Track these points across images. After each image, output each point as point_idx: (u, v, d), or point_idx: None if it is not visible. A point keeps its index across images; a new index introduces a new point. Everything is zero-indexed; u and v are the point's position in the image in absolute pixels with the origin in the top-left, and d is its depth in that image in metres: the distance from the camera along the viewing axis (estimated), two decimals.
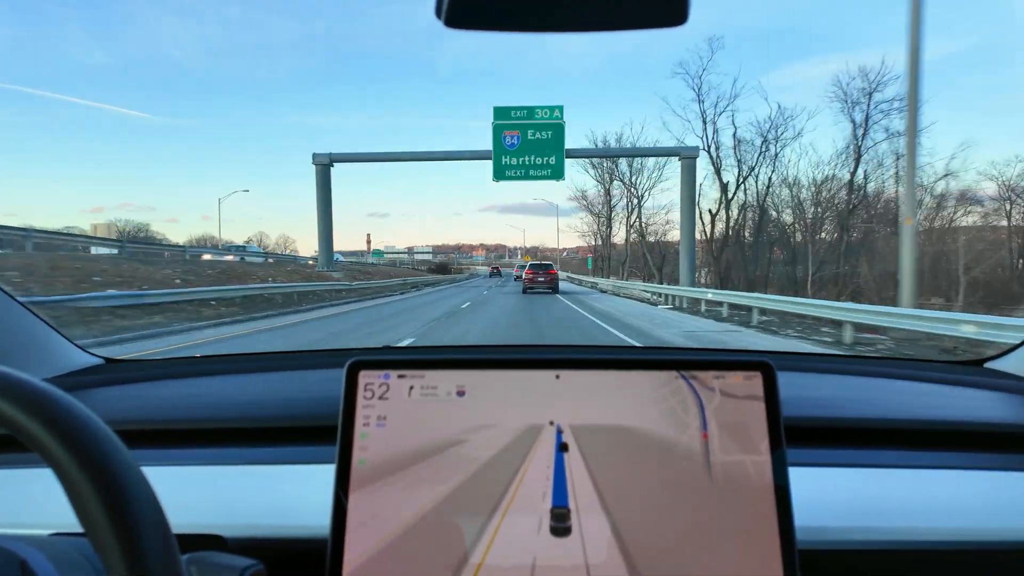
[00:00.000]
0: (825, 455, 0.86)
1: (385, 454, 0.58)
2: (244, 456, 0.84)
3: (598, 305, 18.20)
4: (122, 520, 0.38)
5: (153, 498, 0.41)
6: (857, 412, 0.97)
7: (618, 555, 0.56)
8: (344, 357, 0.63)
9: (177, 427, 0.91)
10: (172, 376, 1.18)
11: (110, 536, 0.38)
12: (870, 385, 1.20)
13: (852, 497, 0.77)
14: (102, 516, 0.38)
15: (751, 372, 0.60)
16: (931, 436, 0.91)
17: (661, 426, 0.59)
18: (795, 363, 1.36)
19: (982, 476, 0.82)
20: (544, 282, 24.79)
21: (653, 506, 0.57)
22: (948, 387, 1.17)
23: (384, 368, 0.61)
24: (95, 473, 0.39)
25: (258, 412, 0.95)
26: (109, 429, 0.42)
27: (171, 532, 0.42)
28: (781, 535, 0.56)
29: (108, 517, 0.38)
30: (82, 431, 0.40)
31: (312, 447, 0.85)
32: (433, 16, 0.49)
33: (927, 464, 0.84)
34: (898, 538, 0.72)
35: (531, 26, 0.51)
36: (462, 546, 0.56)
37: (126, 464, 0.41)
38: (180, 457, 0.84)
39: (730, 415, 0.59)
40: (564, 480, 0.58)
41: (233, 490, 0.77)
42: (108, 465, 0.40)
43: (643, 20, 0.50)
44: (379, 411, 0.60)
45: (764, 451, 0.58)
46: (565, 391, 0.60)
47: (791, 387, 1.00)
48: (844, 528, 0.72)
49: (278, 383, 1.17)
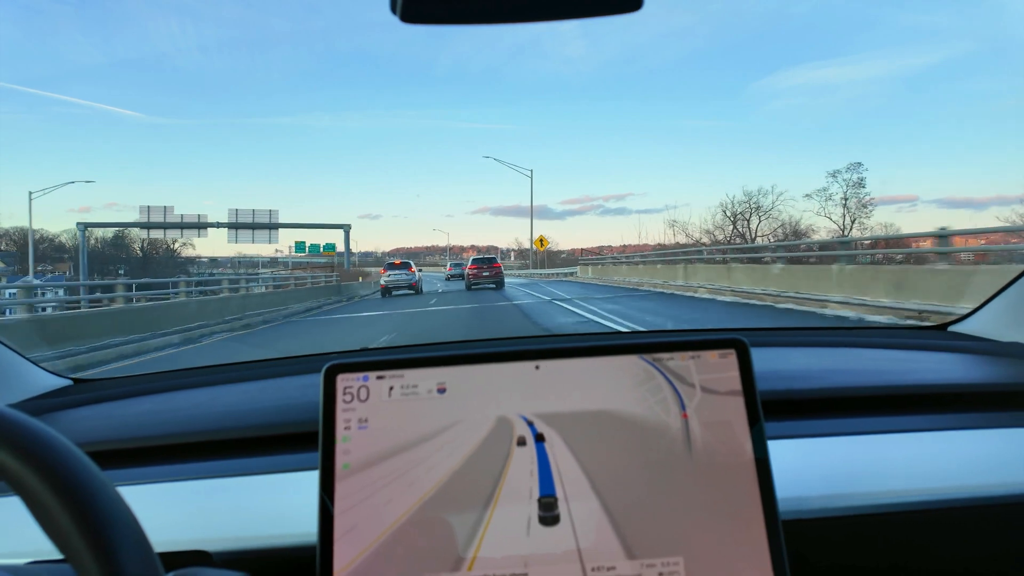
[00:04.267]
0: (802, 426, 0.88)
1: (369, 456, 0.58)
2: (225, 468, 0.83)
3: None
4: (100, 544, 0.38)
5: (131, 518, 0.41)
6: (830, 382, 0.99)
7: (609, 537, 0.57)
8: (321, 362, 0.63)
9: (153, 443, 0.89)
10: (144, 392, 1.15)
11: (90, 561, 0.37)
12: (841, 355, 1.23)
13: (831, 465, 0.79)
14: (79, 541, 0.38)
15: (726, 350, 0.62)
16: (902, 400, 0.94)
17: (642, 408, 0.60)
18: (767, 338, 1.39)
19: (952, 436, 0.85)
20: (488, 276, 23.92)
21: (640, 487, 0.58)
22: (915, 352, 1.20)
23: (362, 370, 0.60)
24: (68, 498, 0.38)
25: (236, 422, 0.93)
26: (80, 451, 0.41)
27: (153, 551, 0.41)
28: (764, 507, 0.58)
29: (86, 542, 0.38)
30: (51, 456, 0.39)
31: (294, 454, 0.84)
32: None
33: (899, 428, 0.86)
34: (877, 502, 0.74)
35: (486, 18, 0.50)
36: (453, 542, 0.56)
37: (100, 486, 0.40)
38: (159, 474, 0.82)
39: (708, 393, 0.60)
40: (549, 469, 0.58)
41: (216, 503, 0.76)
42: (81, 489, 0.39)
43: (597, 8, 0.50)
44: (360, 413, 0.59)
45: (743, 426, 0.60)
46: (545, 381, 0.61)
47: (765, 362, 1.02)
48: (825, 496, 0.74)
49: (255, 392, 1.15)
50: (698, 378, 0.61)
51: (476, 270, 24.30)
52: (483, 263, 24.79)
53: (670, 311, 11.56)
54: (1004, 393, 0.96)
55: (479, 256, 27.35)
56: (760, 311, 10.81)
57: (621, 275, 24.67)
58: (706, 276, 16.32)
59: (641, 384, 0.60)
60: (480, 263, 24.86)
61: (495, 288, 23.23)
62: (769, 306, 11.28)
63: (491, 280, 23.91)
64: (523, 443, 0.59)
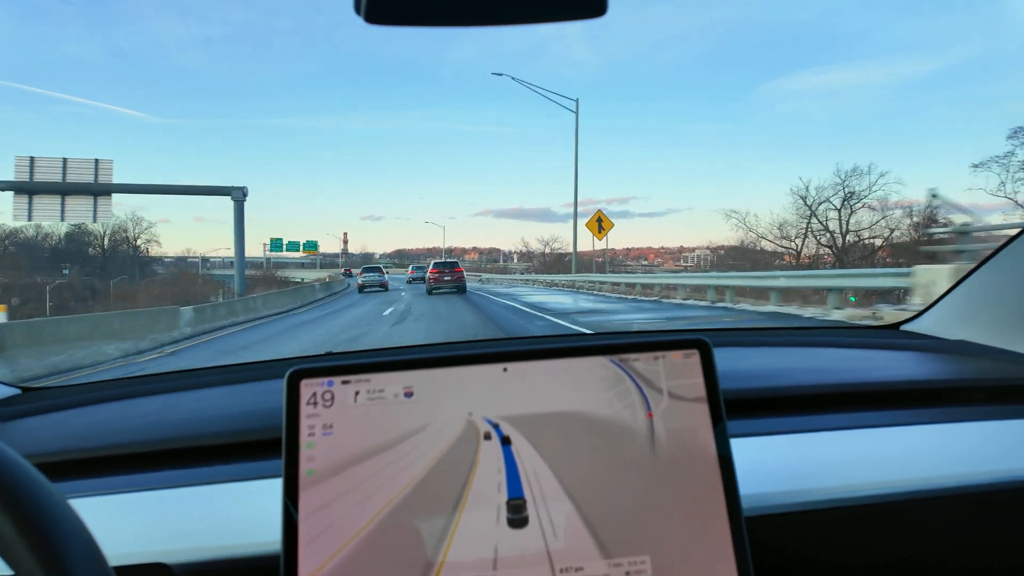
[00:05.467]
0: (763, 424, 0.90)
1: (334, 462, 0.57)
2: (185, 477, 0.80)
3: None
4: (50, 558, 0.36)
5: (83, 531, 0.39)
6: (790, 381, 1.02)
7: (577, 538, 0.57)
8: (285, 367, 0.62)
9: (109, 453, 0.86)
10: (99, 400, 1.11)
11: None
12: (800, 354, 1.27)
13: (790, 462, 0.81)
14: (29, 558, 0.36)
15: (689, 350, 0.63)
16: (857, 398, 0.97)
17: (608, 409, 0.60)
18: (729, 338, 1.42)
19: (905, 432, 0.88)
20: (450, 281, 23.65)
21: (607, 487, 0.58)
22: (870, 351, 1.24)
23: (327, 375, 0.59)
24: (15, 513, 0.36)
25: (196, 430, 0.91)
26: (26, 462, 0.39)
27: (108, 566, 0.40)
28: (727, 504, 0.59)
29: (35, 558, 0.36)
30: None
31: (257, 462, 0.83)
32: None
33: (855, 424, 0.89)
34: (835, 496, 0.77)
35: (451, 21, 0.50)
36: (422, 547, 0.56)
37: (48, 497, 0.38)
38: (115, 485, 0.79)
39: (670, 388, 0.61)
40: (517, 471, 0.58)
41: (175, 514, 0.74)
42: (27, 501, 0.37)
43: (563, 13, 0.51)
44: (324, 419, 0.58)
45: (706, 425, 0.61)
46: (513, 383, 0.61)
47: (727, 361, 1.05)
48: (785, 492, 0.76)
49: (216, 399, 1.12)
50: (666, 383, 0.61)
51: (437, 274, 24.04)
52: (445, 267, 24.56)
53: None
54: (950, 389, 1.01)
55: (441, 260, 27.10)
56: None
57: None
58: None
59: (607, 384, 0.61)
60: (442, 267, 24.61)
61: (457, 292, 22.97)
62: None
63: (452, 285, 23.68)
64: (490, 446, 0.59)
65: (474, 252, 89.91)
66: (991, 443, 0.86)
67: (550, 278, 31.40)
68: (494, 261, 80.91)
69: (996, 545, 0.82)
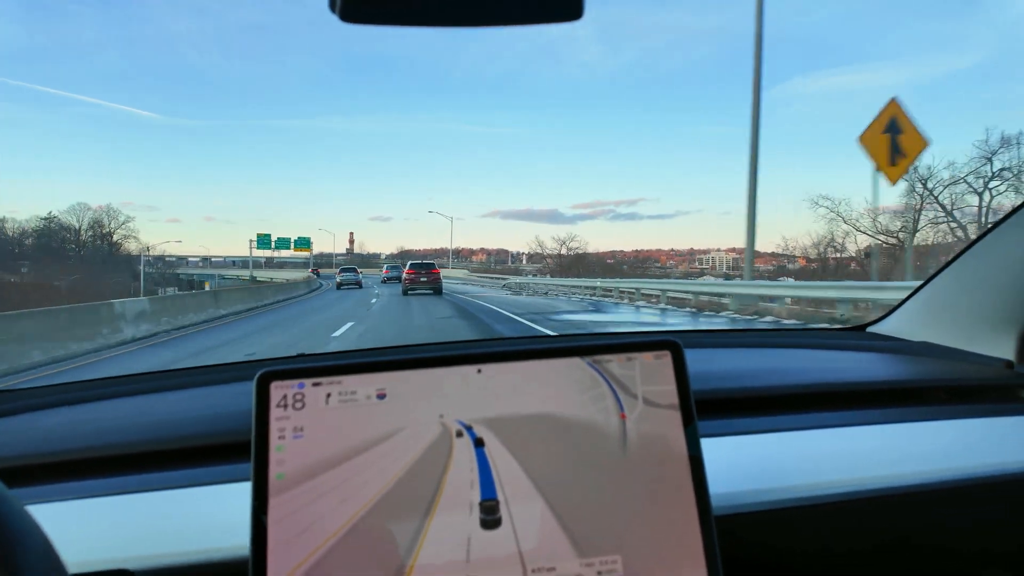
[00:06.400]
0: (733, 424, 0.91)
1: (304, 466, 0.56)
2: (150, 482, 0.78)
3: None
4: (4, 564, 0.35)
5: (41, 537, 0.38)
6: (759, 381, 1.04)
7: (550, 538, 0.57)
8: (255, 369, 0.60)
9: (70, 458, 0.84)
10: (61, 403, 1.08)
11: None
12: (769, 355, 1.29)
13: (760, 462, 0.83)
14: None
15: (660, 351, 0.63)
16: (824, 398, 1.00)
17: (582, 410, 0.61)
18: (700, 340, 1.44)
19: (870, 431, 0.90)
20: (426, 282, 23.69)
21: (580, 488, 0.59)
22: (837, 352, 1.27)
23: (298, 377, 0.59)
24: None
25: (163, 433, 0.89)
26: None
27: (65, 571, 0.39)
28: (698, 503, 0.60)
29: None
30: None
31: (225, 465, 0.81)
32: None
33: (822, 424, 0.91)
34: (803, 495, 0.78)
35: (426, 21, 0.50)
36: (394, 552, 0.55)
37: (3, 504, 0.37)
38: (76, 490, 0.77)
39: (644, 394, 0.62)
40: (490, 473, 0.58)
41: (140, 519, 0.72)
42: None
43: (539, 15, 0.51)
44: (295, 422, 0.58)
45: (677, 425, 0.61)
46: (487, 385, 0.61)
47: (698, 363, 1.06)
48: (755, 491, 0.78)
49: (183, 401, 1.10)
50: (641, 389, 0.62)
51: (413, 275, 23.95)
52: (421, 268, 24.47)
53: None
54: (913, 389, 1.04)
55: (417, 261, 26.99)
56: None
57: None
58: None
59: (581, 386, 0.61)
60: (418, 268, 24.54)
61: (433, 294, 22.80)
62: None
63: (428, 286, 23.59)
64: (463, 448, 0.59)
65: (482, 253, 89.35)
66: (952, 442, 0.89)
67: (584, 283, 25.97)
68: (502, 262, 79.49)
69: (957, 539, 0.85)
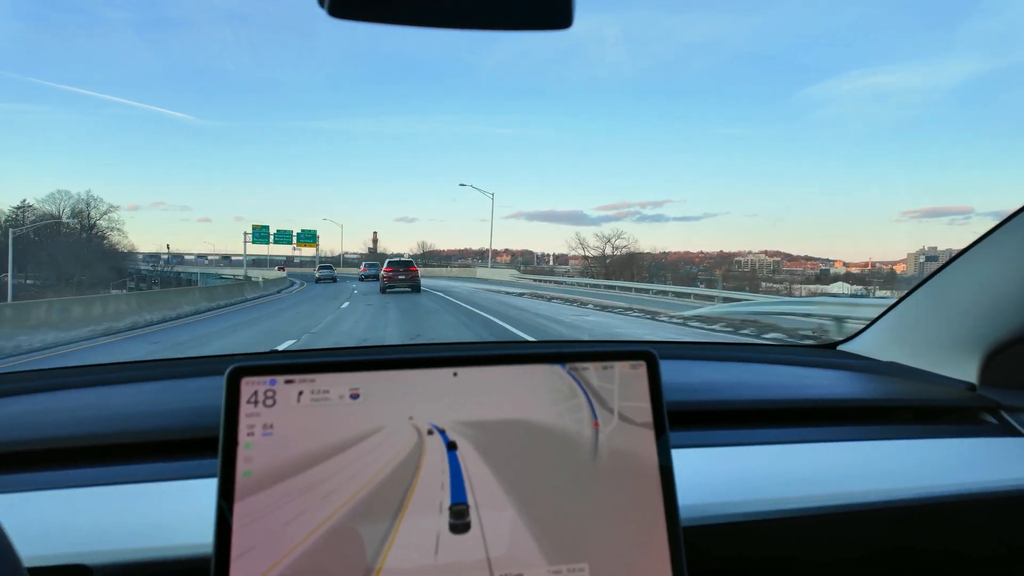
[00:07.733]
0: (704, 436, 0.92)
1: (273, 464, 0.56)
2: (113, 475, 0.76)
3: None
4: None
5: None
6: (731, 395, 1.05)
7: (518, 545, 0.57)
8: (226, 363, 0.59)
9: (29, 448, 0.81)
10: (21, 391, 1.05)
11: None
12: (742, 370, 1.31)
13: (730, 474, 0.84)
14: None
15: (636, 361, 0.64)
16: (794, 414, 1.01)
17: (556, 417, 0.61)
18: (675, 351, 1.46)
19: (837, 447, 0.92)
20: (404, 280, 23.66)
21: (551, 495, 0.59)
22: (808, 369, 1.29)
23: (270, 373, 0.58)
24: None
25: (128, 426, 0.87)
26: None
27: (22, 567, 0.37)
28: (666, 513, 0.60)
29: None
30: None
31: (191, 461, 0.80)
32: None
33: (792, 439, 0.93)
34: (772, 508, 0.79)
35: (415, 20, 0.50)
36: (361, 556, 0.55)
37: None
38: (35, 482, 0.75)
39: (619, 403, 0.62)
40: (461, 477, 0.58)
41: (101, 513, 0.70)
42: None
43: (528, 22, 0.51)
44: (265, 419, 0.57)
45: (650, 435, 0.62)
46: (463, 388, 0.60)
47: (673, 374, 1.07)
48: (724, 503, 0.78)
49: (151, 393, 1.07)
50: (618, 404, 0.62)
51: (392, 273, 23.93)
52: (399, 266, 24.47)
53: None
54: (880, 408, 1.06)
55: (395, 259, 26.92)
56: None
57: None
58: None
59: (555, 392, 0.61)
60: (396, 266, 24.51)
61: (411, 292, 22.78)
62: None
63: (407, 284, 23.64)
64: (435, 451, 0.58)
65: (506, 254, 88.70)
66: (916, 461, 0.90)
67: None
68: (527, 263, 78.39)
69: (920, 557, 0.86)
